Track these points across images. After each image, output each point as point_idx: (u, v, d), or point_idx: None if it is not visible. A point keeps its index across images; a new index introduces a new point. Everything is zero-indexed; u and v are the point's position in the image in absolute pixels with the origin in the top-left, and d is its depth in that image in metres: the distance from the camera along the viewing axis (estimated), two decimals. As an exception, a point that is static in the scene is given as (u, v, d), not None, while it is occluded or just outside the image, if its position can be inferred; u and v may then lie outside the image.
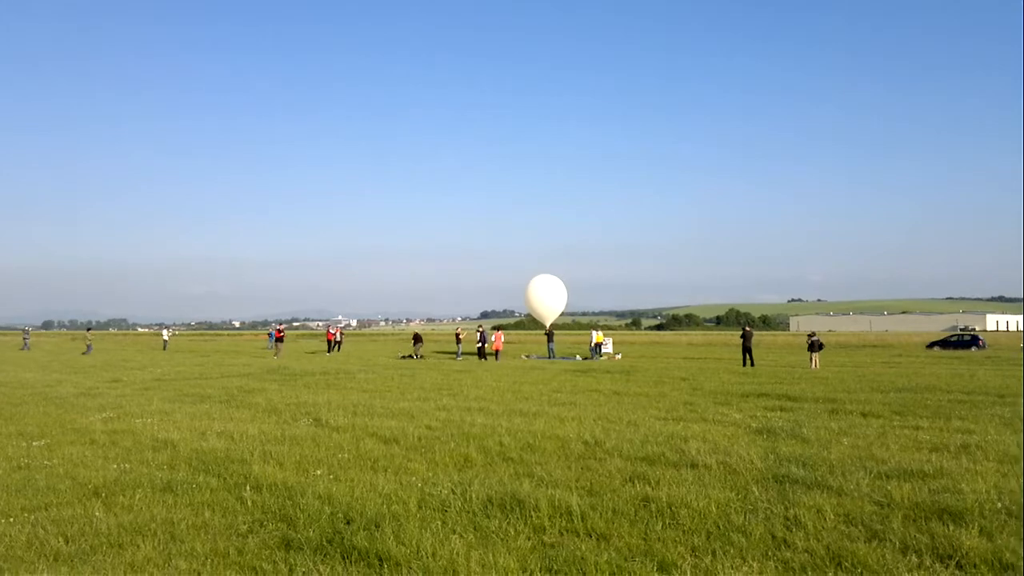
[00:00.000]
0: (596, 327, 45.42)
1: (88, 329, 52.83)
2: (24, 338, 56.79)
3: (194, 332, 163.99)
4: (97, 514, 6.53)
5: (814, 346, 28.95)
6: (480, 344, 36.07)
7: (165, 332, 62.13)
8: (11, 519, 6.49)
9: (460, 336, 40.34)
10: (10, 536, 6.00)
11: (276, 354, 38.76)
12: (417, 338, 40.48)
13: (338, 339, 48.57)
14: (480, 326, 39.16)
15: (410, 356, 37.78)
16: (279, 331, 42.67)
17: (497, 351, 35.77)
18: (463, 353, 38.33)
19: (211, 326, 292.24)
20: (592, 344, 39.10)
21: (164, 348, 52.77)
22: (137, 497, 7.14)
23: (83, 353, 43.86)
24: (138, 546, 5.68)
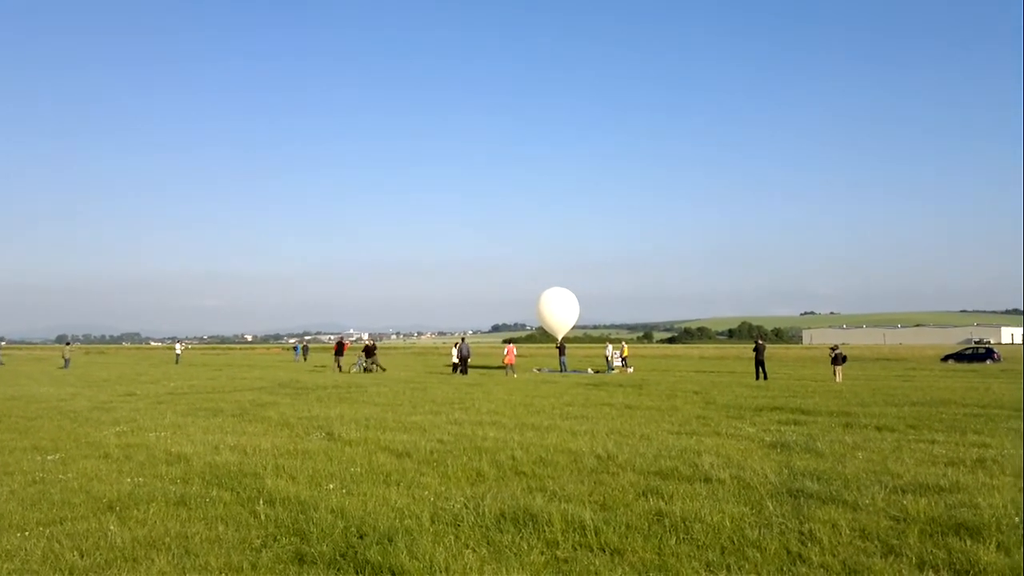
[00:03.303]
0: (610, 340, 45.24)
1: (67, 343, 52.36)
2: None
3: (207, 346, 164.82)
4: (112, 528, 6.55)
5: (838, 359, 28.80)
6: (459, 357, 35.01)
7: (178, 346, 62.50)
8: (26, 533, 6.52)
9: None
10: (26, 550, 6.02)
11: (336, 368, 37.82)
12: (369, 350, 38.41)
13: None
14: (463, 337, 38.50)
15: (367, 368, 36.37)
16: (345, 344, 41.47)
17: (510, 365, 35.32)
18: (470, 367, 37.89)
19: (223, 340, 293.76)
20: (621, 356, 38.98)
21: (177, 362, 52.99)
22: (151, 511, 7.16)
23: (60, 368, 42.93)
24: (152, 560, 5.69)
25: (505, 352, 36.57)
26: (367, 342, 41.02)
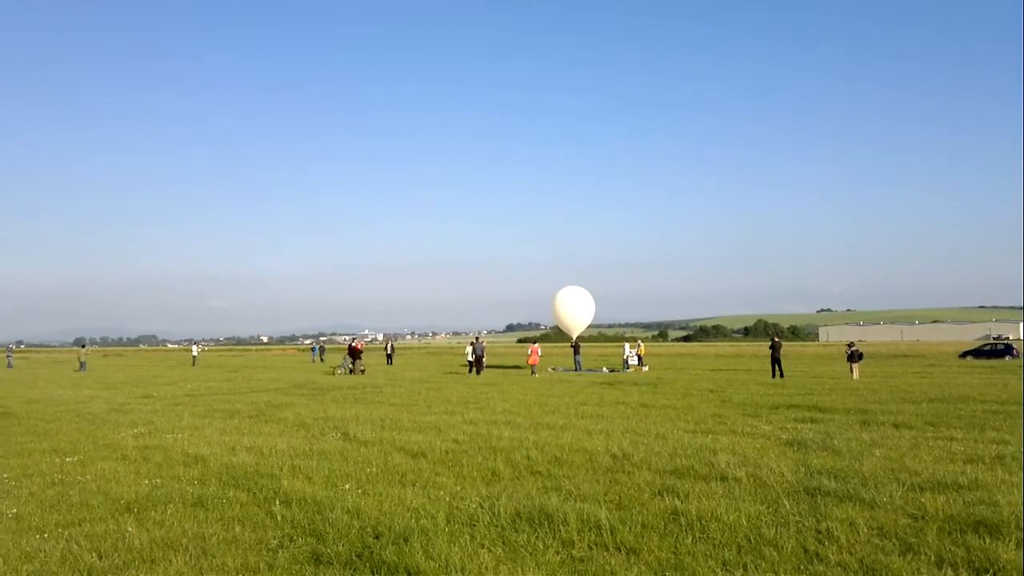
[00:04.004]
0: (626, 339, 45.11)
1: (83, 346, 52.46)
2: (8, 356, 55.03)
3: (223, 347, 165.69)
4: (130, 529, 6.61)
5: (854, 356, 28.58)
6: (474, 355, 34.84)
7: (194, 348, 62.78)
8: (46, 535, 6.59)
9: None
10: (45, 552, 6.08)
11: (349, 369, 35.75)
12: (356, 352, 36.79)
13: (388, 352, 48.73)
14: (477, 336, 38.42)
15: (350, 371, 35.22)
16: (358, 346, 38.81)
17: (533, 365, 35.15)
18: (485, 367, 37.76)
19: (239, 341, 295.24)
20: (637, 354, 38.89)
21: (193, 364, 53.26)
22: (168, 512, 7.22)
23: (75, 370, 43.10)
24: (170, 561, 5.73)
25: (529, 352, 36.53)
26: (353, 344, 39.54)
